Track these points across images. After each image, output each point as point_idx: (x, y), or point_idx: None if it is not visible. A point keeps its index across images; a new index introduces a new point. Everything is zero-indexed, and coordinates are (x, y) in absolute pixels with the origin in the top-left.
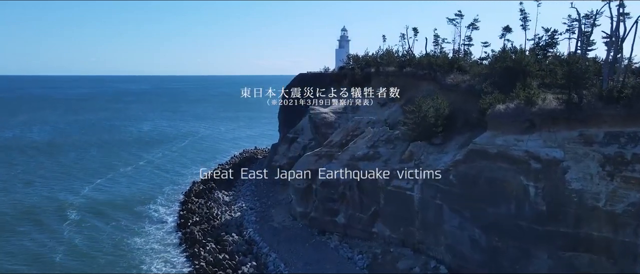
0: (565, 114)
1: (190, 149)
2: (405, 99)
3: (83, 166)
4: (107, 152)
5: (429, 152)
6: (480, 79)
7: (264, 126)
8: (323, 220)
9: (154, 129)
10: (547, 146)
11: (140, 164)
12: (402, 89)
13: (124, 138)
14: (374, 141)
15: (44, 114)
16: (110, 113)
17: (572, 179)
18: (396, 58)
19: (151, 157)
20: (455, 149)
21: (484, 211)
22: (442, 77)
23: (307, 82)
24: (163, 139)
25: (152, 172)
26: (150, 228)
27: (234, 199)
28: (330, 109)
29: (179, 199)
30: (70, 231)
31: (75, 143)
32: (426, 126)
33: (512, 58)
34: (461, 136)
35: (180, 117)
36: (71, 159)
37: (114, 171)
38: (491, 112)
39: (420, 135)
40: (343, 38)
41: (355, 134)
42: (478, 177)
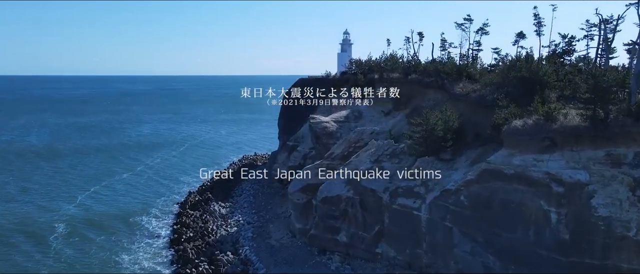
0: (590, 132)
1: (189, 155)
2: (410, 108)
3: (79, 173)
4: (105, 158)
5: (437, 168)
6: (491, 89)
7: (265, 129)
8: (323, 238)
9: (153, 132)
10: (570, 167)
11: (137, 170)
12: (408, 97)
13: (123, 142)
14: (377, 155)
15: (43, 116)
16: (110, 115)
17: (598, 204)
18: (401, 64)
19: (149, 163)
20: (465, 165)
21: (499, 236)
22: (451, 85)
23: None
24: (162, 144)
25: (149, 179)
26: (142, 244)
27: (230, 211)
28: (332, 118)
29: (173, 211)
30: (59, 245)
31: (72, 148)
32: (434, 140)
33: (528, 68)
34: (472, 151)
35: (181, 119)
36: (67, 164)
37: (110, 178)
38: (507, 129)
39: (428, 150)
40: (345, 42)
41: (358, 145)
42: (492, 199)
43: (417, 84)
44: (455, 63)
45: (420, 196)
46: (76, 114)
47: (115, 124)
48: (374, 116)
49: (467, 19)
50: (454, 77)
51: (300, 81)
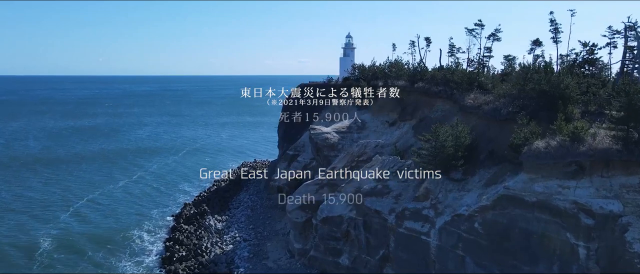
0: (623, 156)
1: (188, 160)
2: (417, 119)
3: (75, 179)
4: (102, 164)
5: (448, 190)
6: (506, 102)
7: (267, 132)
8: (324, 260)
9: (153, 135)
10: (600, 196)
11: (134, 177)
12: (414, 107)
13: (121, 147)
14: (382, 172)
15: (42, 119)
16: (111, 118)
17: (633, 239)
18: (407, 70)
19: (147, 169)
20: (479, 186)
21: (518, 269)
22: (461, 96)
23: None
24: (161, 148)
25: (146, 187)
26: (130, 262)
27: (227, 226)
28: (333, 128)
29: (167, 224)
30: (44, 260)
31: (69, 153)
32: (444, 158)
33: (547, 79)
34: (486, 171)
35: (181, 121)
36: (64, 171)
37: (106, 186)
38: (528, 151)
39: (437, 168)
40: (348, 45)
41: (361, 159)
42: (510, 228)
43: (424, 93)
44: (465, 71)
45: (429, 220)
46: (76, 116)
47: (114, 127)
48: (378, 127)
49: (478, 24)
50: (465, 86)
51: (300, 86)
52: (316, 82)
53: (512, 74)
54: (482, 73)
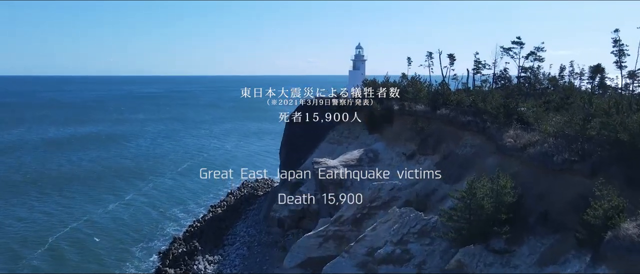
0: None
1: (186, 178)
2: (441, 155)
3: (61, 202)
4: (94, 183)
5: (487, 263)
6: (559, 144)
7: (273, 141)
8: None
9: (152, 146)
10: None
11: (126, 199)
12: (437, 139)
13: (117, 161)
14: (401, 231)
15: (41, 126)
16: (112, 123)
17: None
18: (426, 91)
19: (140, 189)
20: (531, 263)
21: None
22: (497, 132)
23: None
24: (159, 163)
25: (134, 214)
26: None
27: (217, 271)
28: (341, 161)
29: (152, 263)
30: None
31: (59, 172)
32: (482, 222)
33: (622, 123)
34: (538, 242)
35: (185, 128)
36: (52, 190)
37: (93, 211)
38: (613, 240)
39: (473, 235)
40: (358, 57)
41: (375, 205)
42: None
43: (449, 122)
44: (501, 99)
45: None
46: (77, 122)
47: (114, 136)
48: (393, 159)
49: (516, 42)
50: (502, 120)
51: (303, 107)
52: (321, 100)
53: (558, 101)
54: (521, 100)
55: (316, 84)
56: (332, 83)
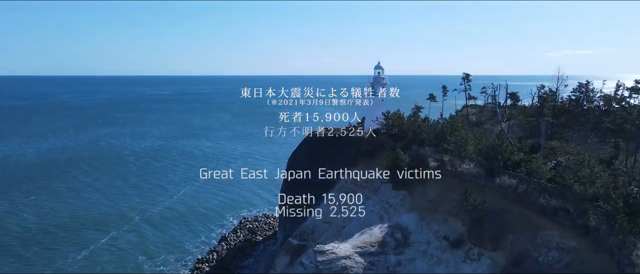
0: None
1: (179, 210)
2: (506, 252)
3: (41, 241)
4: (80, 210)
5: None
6: None
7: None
8: None
9: (150, 166)
10: None
11: (110, 234)
12: (498, 225)
13: (111, 182)
14: None
15: (43, 132)
16: (116, 129)
17: None
18: (473, 141)
19: (124, 225)
20: None
21: None
22: (616, 244)
23: (320, 150)
24: (153, 188)
25: (112, 257)
26: None
27: None
28: (356, 246)
29: None
30: None
31: (50, 190)
32: None
33: None
34: None
35: (189, 139)
36: (32, 221)
37: (69, 255)
38: None
39: None
40: (377, 80)
41: None
42: None
43: (518, 201)
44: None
45: None
46: (81, 128)
47: (114, 148)
48: (431, 244)
49: None
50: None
51: (307, 141)
52: (331, 133)
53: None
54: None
55: (331, 84)
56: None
